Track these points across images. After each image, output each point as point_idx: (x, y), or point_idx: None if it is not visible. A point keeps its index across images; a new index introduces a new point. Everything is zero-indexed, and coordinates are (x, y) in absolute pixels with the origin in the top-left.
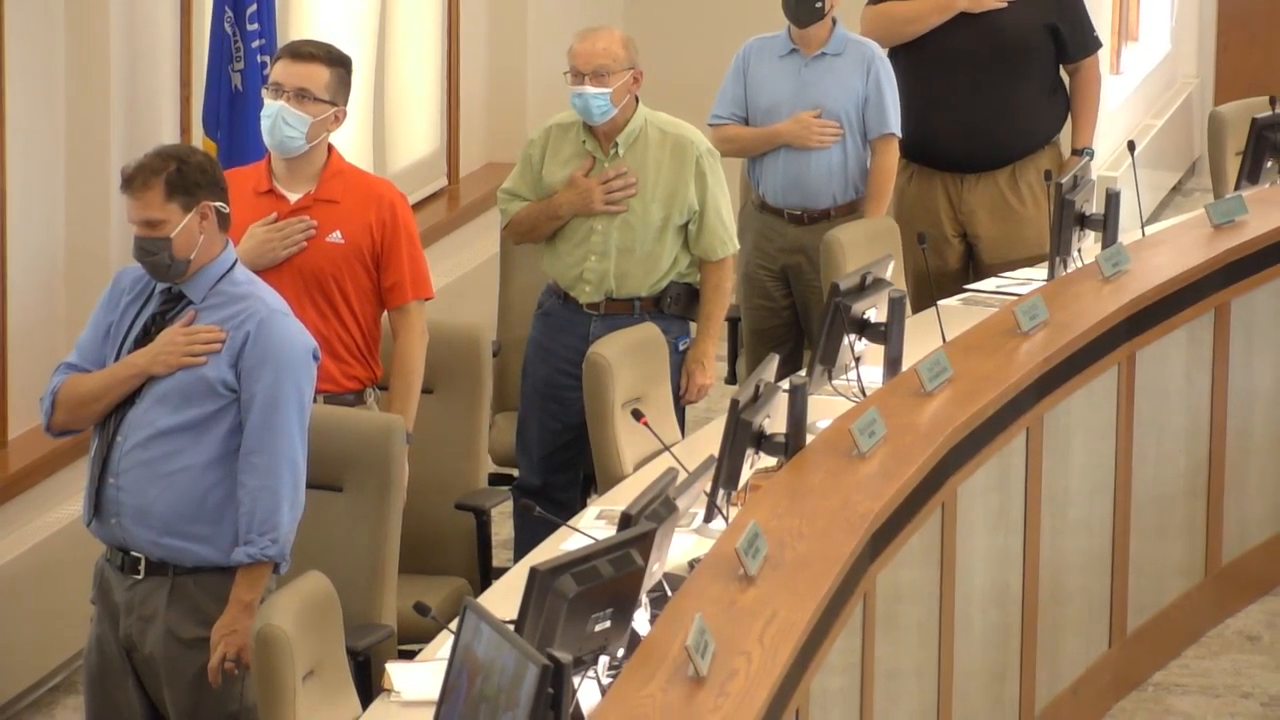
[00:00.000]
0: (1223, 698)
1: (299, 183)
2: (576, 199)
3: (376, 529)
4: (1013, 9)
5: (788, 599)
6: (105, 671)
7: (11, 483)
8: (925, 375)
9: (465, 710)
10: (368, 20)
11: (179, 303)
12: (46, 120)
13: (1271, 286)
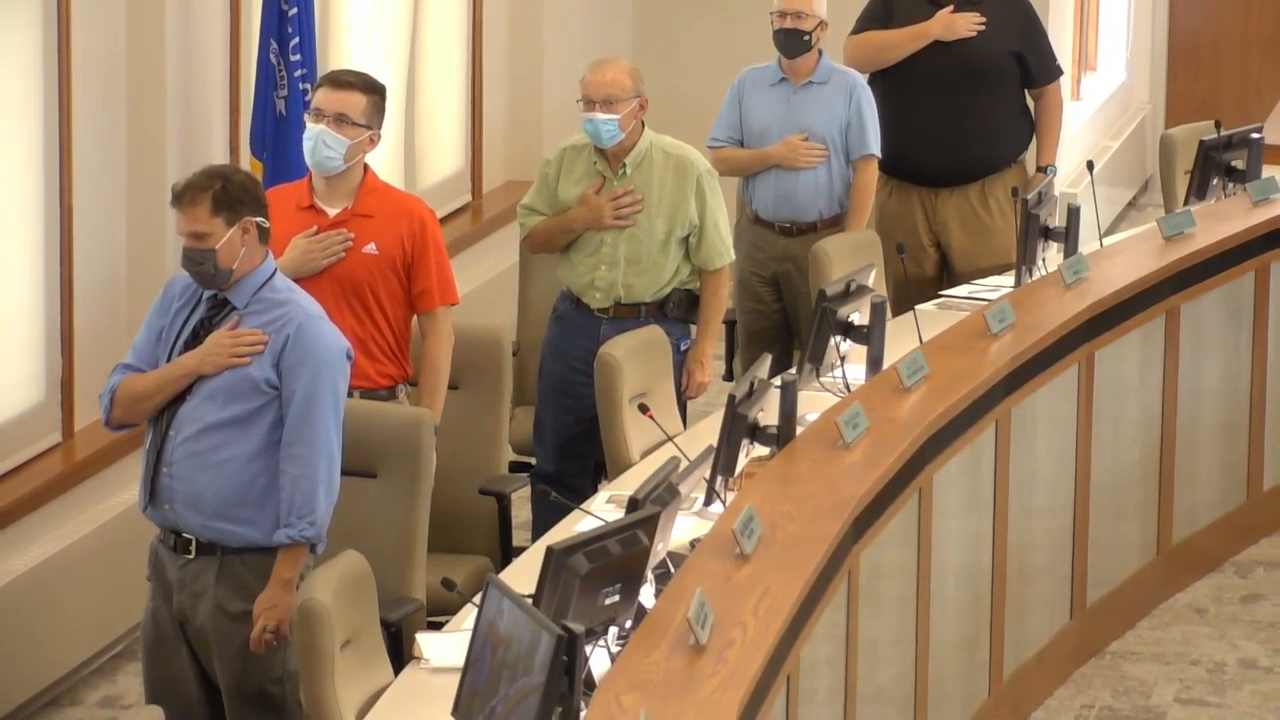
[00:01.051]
0: (1173, 665)
1: (337, 199)
2: (588, 214)
3: (407, 512)
4: (982, 38)
5: (779, 576)
6: (160, 642)
7: (77, 471)
8: (904, 373)
9: (489, 677)
10: (399, 51)
11: (224, 308)
12: (108, 142)
13: (1217, 293)
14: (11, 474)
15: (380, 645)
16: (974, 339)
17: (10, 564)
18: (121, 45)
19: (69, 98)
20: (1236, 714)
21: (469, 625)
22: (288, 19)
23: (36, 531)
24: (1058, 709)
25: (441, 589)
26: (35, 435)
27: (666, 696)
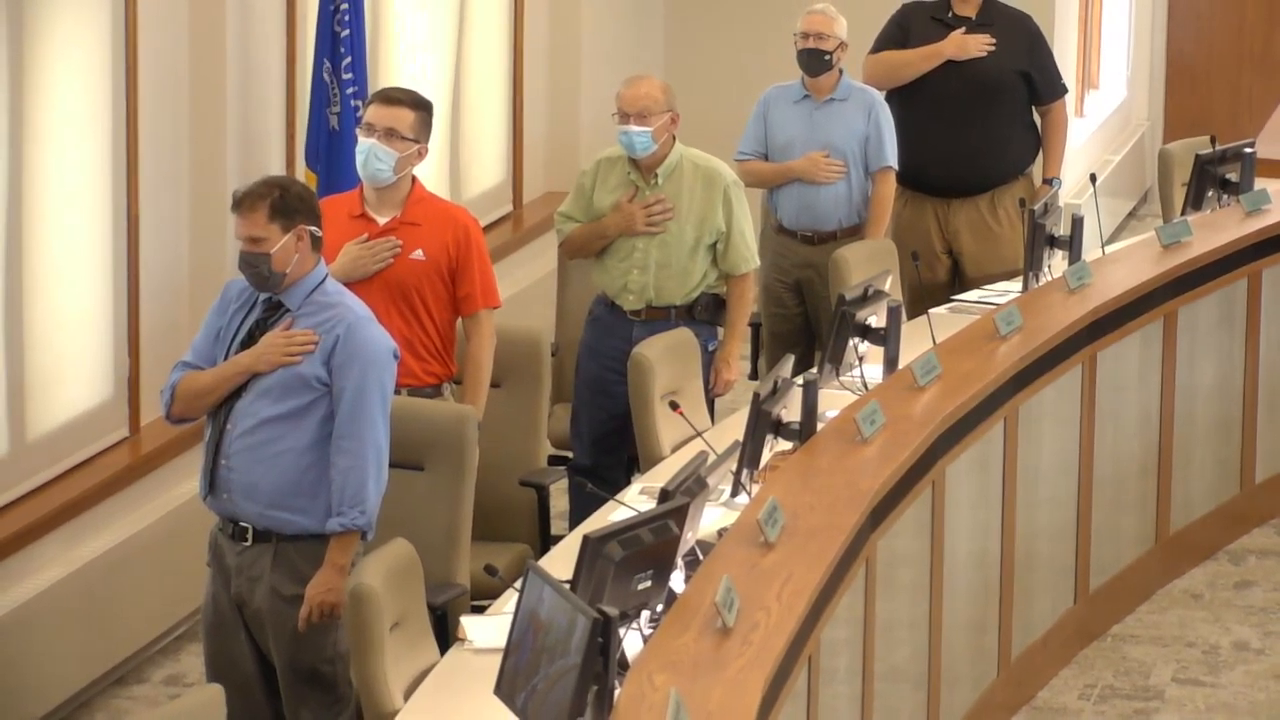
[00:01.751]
0: (1170, 647)
1: (387, 208)
2: (622, 222)
3: (452, 502)
4: (992, 58)
5: (801, 563)
6: (219, 623)
7: (143, 463)
8: (918, 372)
9: (530, 659)
10: (445, 69)
11: (278, 311)
12: (172, 155)
13: (1212, 298)
14: (82, 466)
15: (427, 627)
16: (984, 341)
17: (80, 550)
18: (185, 64)
19: (135, 115)
20: (1230, 693)
21: (510, 609)
22: (340, 40)
23: (105, 520)
24: (1062, 688)
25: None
26: (104, 430)
27: (696, 676)
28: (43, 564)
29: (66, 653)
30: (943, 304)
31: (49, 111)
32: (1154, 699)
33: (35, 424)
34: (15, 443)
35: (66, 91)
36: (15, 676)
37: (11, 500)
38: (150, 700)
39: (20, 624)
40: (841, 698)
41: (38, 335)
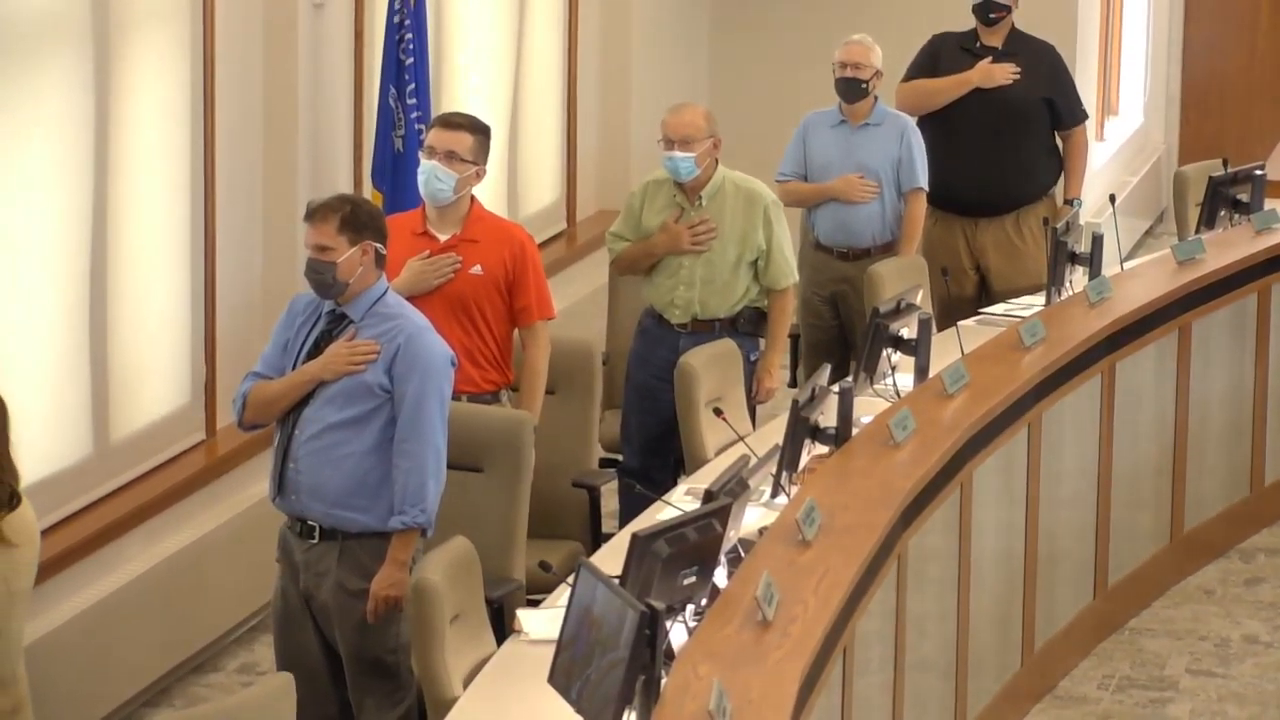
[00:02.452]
0: (1184, 640)
1: (447, 226)
2: (669, 240)
3: (509, 502)
4: (1017, 86)
5: (837, 559)
6: (288, 616)
7: (218, 465)
8: (947, 381)
9: (584, 652)
10: (503, 95)
11: (342, 322)
12: (246, 176)
13: (1224, 311)
14: (161, 468)
15: (485, 620)
16: (1009, 351)
17: (160, 547)
18: (258, 92)
19: (212, 140)
20: (1240, 684)
21: (563, 603)
22: (405, 67)
23: (183, 519)
24: (1082, 678)
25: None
26: (182, 434)
27: (737, 666)
28: (125, 559)
29: (147, 642)
30: (970, 317)
31: (133, 137)
32: (1168, 689)
33: (118, 428)
34: (99, 445)
35: (149, 118)
36: (101, 663)
37: (96, 499)
38: (225, 688)
39: (105, 615)
40: (874, 687)
41: (121, 345)
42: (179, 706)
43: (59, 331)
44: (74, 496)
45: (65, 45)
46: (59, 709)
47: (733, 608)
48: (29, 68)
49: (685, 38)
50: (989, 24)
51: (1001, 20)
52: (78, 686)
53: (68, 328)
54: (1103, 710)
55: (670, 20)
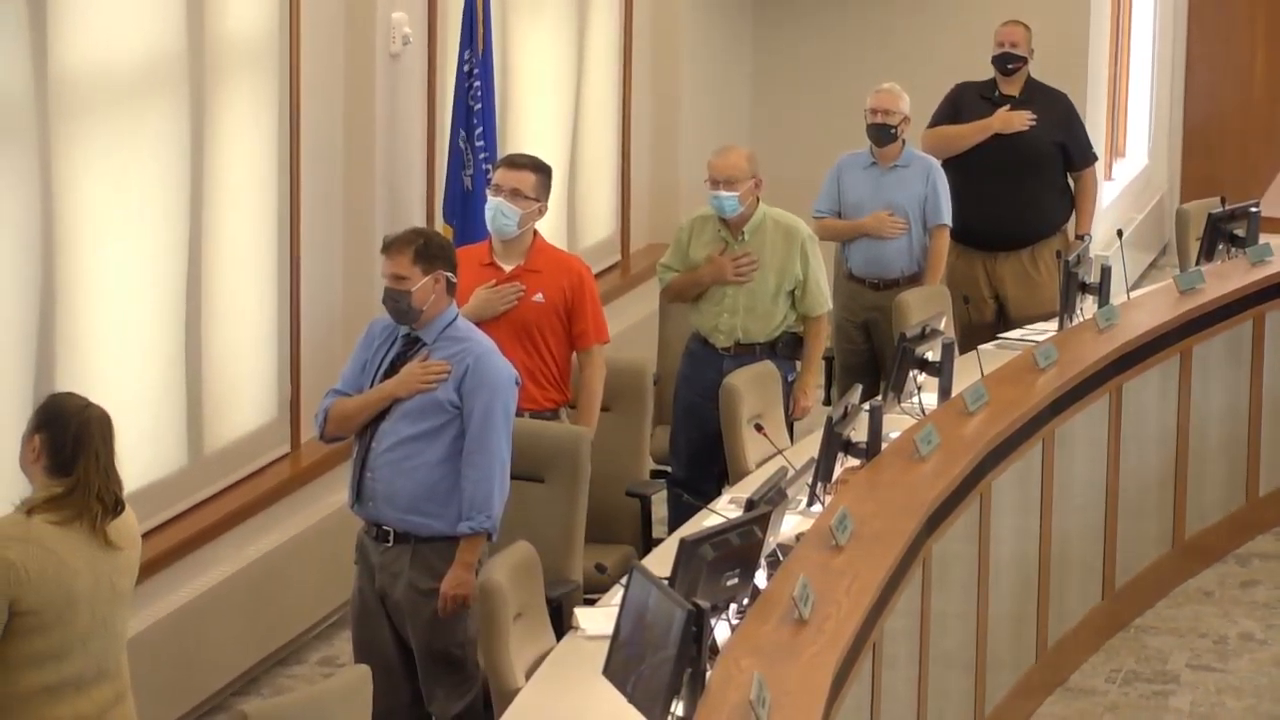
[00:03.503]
0: (1185, 637)
1: (512, 257)
2: (714, 272)
3: (568, 509)
4: (1032, 131)
5: (867, 563)
6: (365, 613)
7: (301, 475)
8: (968, 400)
9: (637, 649)
10: (563, 137)
11: (416, 345)
12: (328, 212)
13: (1222, 337)
14: (250, 478)
15: (545, 617)
16: (1025, 373)
17: (248, 550)
18: (339, 134)
19: (298, 178)
20: (1237, 678)
21: (616, 602)
22: (474, 112)
23: (269, 524)
24: (1091, 672)
25: (595, 572)
26: (269, 446)
27: (776, 660)
28: (216, 561)
29: (237, 637)
30: (990, 341)
31: (225, 176)
32: (1170, 682)
33: (211, 441)
34: (193, 457)
35: (240, 158)
36: (194, 656)
37: (190, 506)
38: (307, 679)
39: (198, 612)
40: (900, 680)
41: (214, 365)
42: (266, 696)
43: (158, 354)
44: (171, 504)
45: (165, 92)
46: (158, 698)
47: (772, 607)
48: (133, 113)
49: (729, 86)
50: (1007, 74)
51: (1018, 71)
52: (174, 677)
53: (166, 350)
54: (1110, 702)
55: (716, 70)
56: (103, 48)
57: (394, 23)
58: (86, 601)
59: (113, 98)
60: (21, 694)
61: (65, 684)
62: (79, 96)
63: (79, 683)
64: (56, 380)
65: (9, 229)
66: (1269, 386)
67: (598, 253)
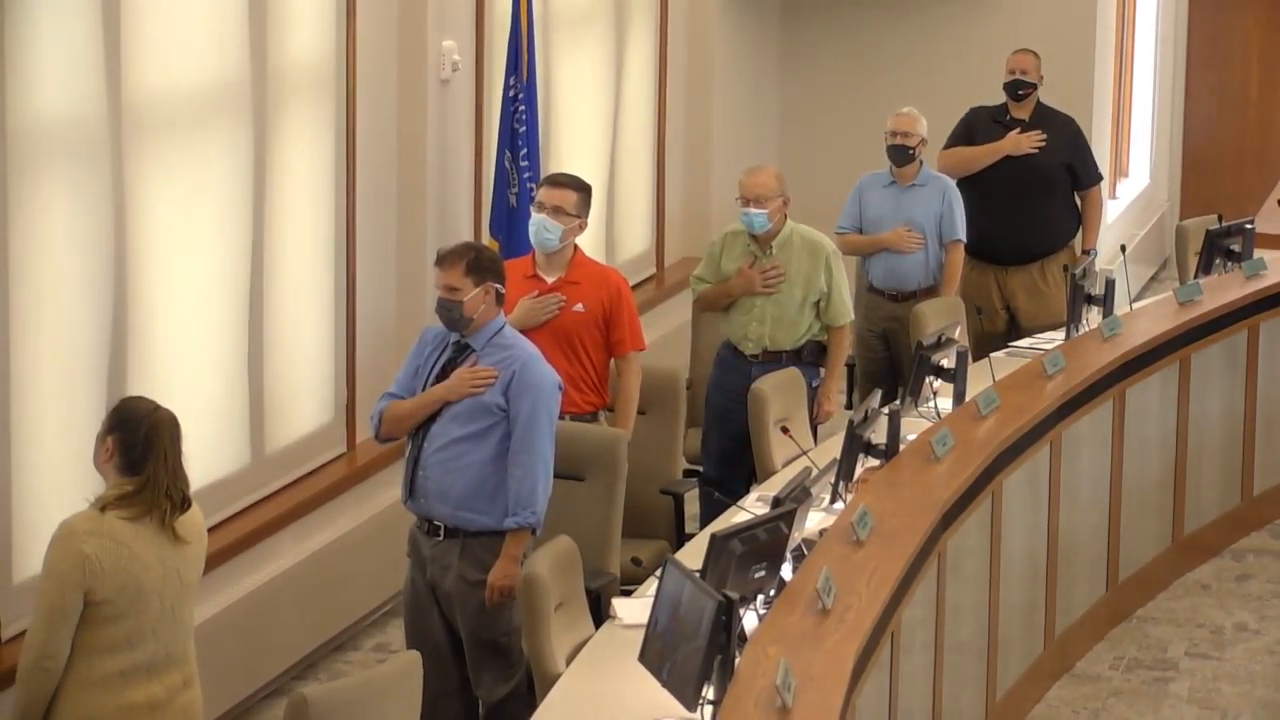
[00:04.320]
0: (1184, 627)
1: (554, 270)
2: (744, 284)
3: (606, 506)
4: (1042, 153)
5: (886, 557)
6: (416, 602)
7: (357, 474)
8: (981, 404)
9: (671, 638)
10: (602, 158)
11: (466, 351)
12: (382, 227)
13: (1219, 345)
14: (309, 476)
15: (585, 607)
16: (1034, 379)
17: (307, 544)
18: (393, 153)
19: (353, 196)
20: (1232, 665)
21: (651, 593)
22: (518, 135)
23: (327, 519)
24: (1095, 660)
25: (631, 565)
26: (326, 446)
27: (801, 647)
28: (278, 554)
29: (296, 624)
30: (1001, 349)
31: (286, 194)
32: (1170, 669)
33: (272, 441)
34: (256, 456)
35: (300, 178)
36: (257, 643)
37: (253, 503)
38: (362, 664)
39: (261, 602)
40: (917, 666)
41: (274, 370)
42: (323, 680)
43: (223, 359)
44: (235, 500)
45: (230, 115)
46: (223, 681)
47: (797, 598)
48: (200, 135)
49: (758, 110)
50: (1018, 99)
51: (1029, 96)
52: (238, 662)
53: (230, 356)
54: (1114, 688)
55: (745, 95)
56: (172, 74)
57: (444, 50)
58: (156, 592)
59: (181, 121)
60: (98, 678)
61: (137, 669)
62: (150, 120)
63: (150, 668)
64: (128, 384)
65: (85, 243)
66: (1263, 392)
67: (634, 265)
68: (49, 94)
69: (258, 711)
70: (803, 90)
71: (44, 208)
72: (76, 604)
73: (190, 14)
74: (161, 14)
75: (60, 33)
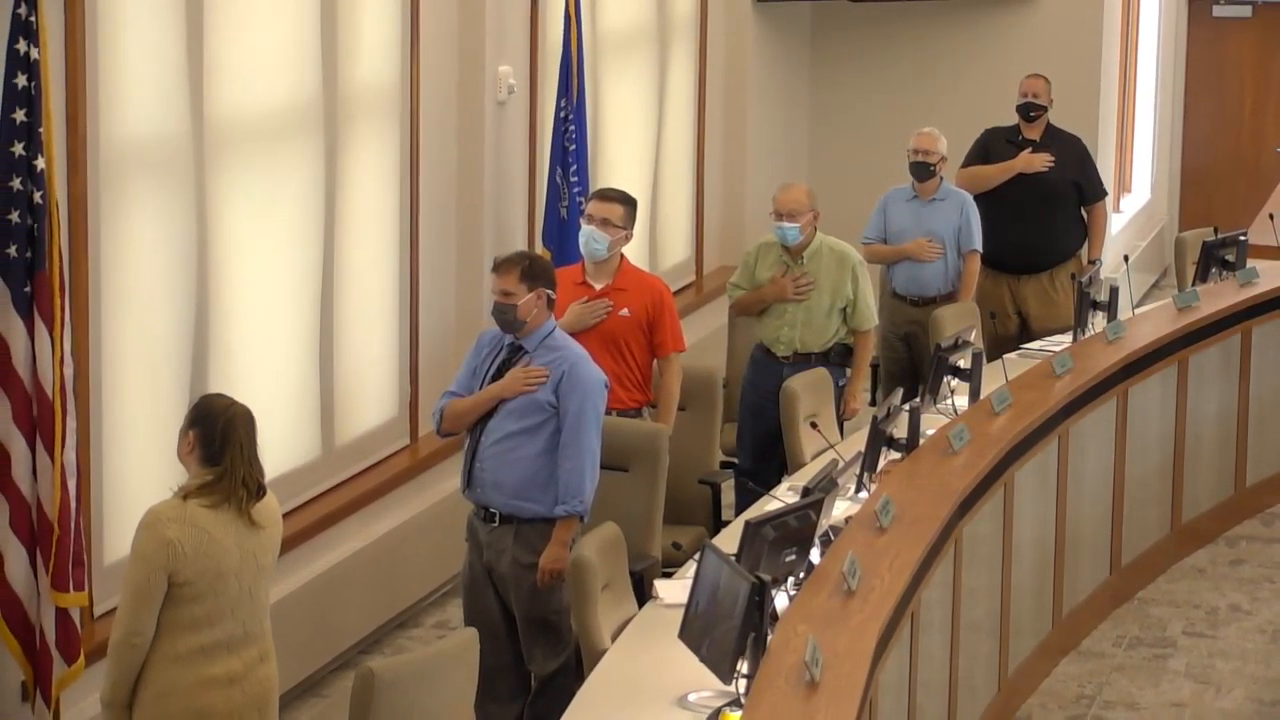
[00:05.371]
0: (1181, 608)
1: (602, 277)
2: (776, 291)
3: (649, 495)
4: (1051, 172)
5: (907, 542)
6: (473, 584)
7: (419, 465)
8: (995, 402)
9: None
10: (645, 173)
11: (519, 352)
12: (442, 237)
13: (1215, 348)
14: (374, 466)
15: (629, 588)
16: (1044, 379)
17: (373, 529)
18: (453, 170)
19: (417, 206)
20: (1225, 643)
21: (690, 575)
22: (569, 152)
23: (391, 507)
24: (1100, 637)
25: (672, 549)
26: (391, 439)
27: (828, 626)
28: (346, 538)
29: (362, 603)
30: (1013, 351)
31: (355, 207)
32: (1169, 647)
33: (341, 435)
34: (326, 448)
35: (368, 191)
36: (326, 620)
37: (323, 491)
38: (423, 640)
39: (330, 583)
40: (935, 643)
41: (343, 369)
42: (388, 654)
43: (295, 359)
44: (307, 489)
45: (303, 134)
46: (297, 655)
47: (824, 580)
48: (276, 153)
49: (789, 130)
50: (1030, 121)
51: (1039, 118)
52: (310, 638)
53: (302, 356)
54: (1116, 664)
55: (777, 117)
56: (251, 96)
57: (500, 75)
58: (234, 574)
59: (259, 139)
60: (182, 653)
61: (217, 645)
62: (230, 138)
63: (229, 644)
64: (209, 382)
65: (170, 251)
66: (1255, 392)
67: (675, 273)
68: (138, 114)
69: (328, 683)
70: (831, 111)
71: (133, 218)
72: (160, 585)
73: (267, 41)
74: (241, 40)
75: (149, 58)
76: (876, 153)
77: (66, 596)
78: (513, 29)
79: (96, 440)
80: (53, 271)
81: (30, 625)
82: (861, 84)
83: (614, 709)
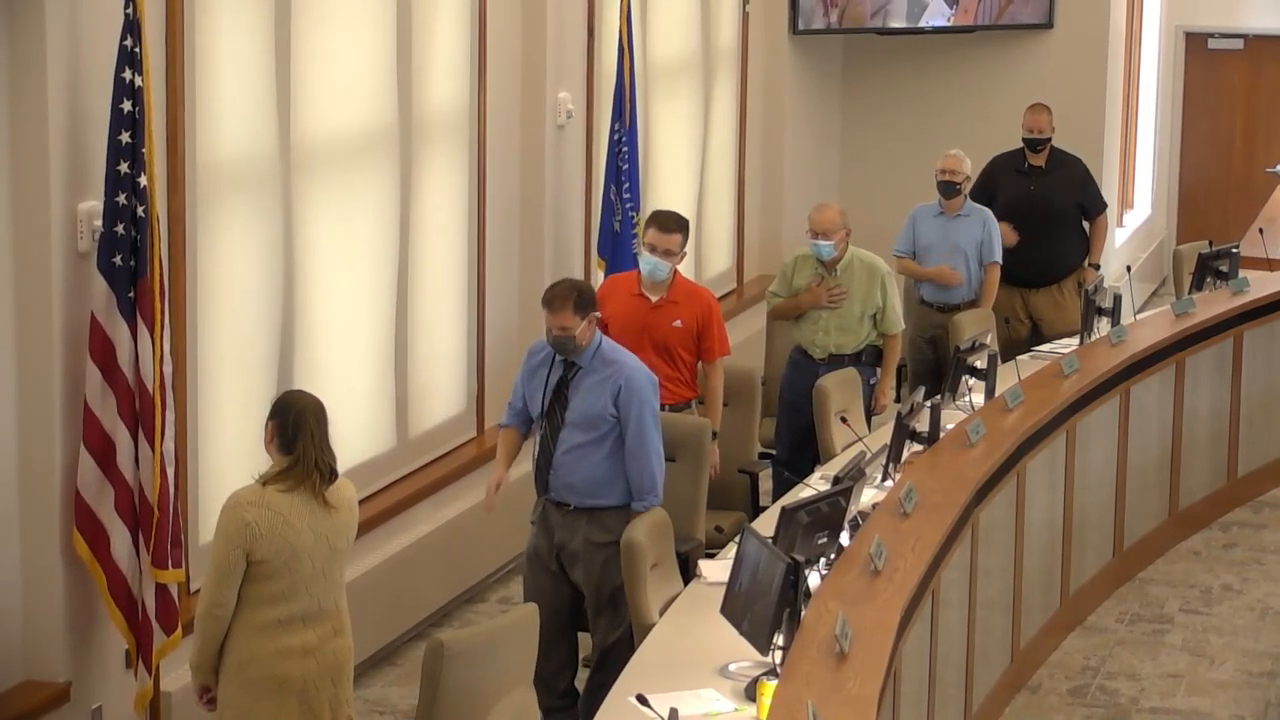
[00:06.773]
0: (1178, 587)
1: (657, 291)
2: (812, 299)
3: (694, 483)
4: (1057, 194)
5: (928, 527)
6: (536, 563)
7: (485, 454)
8: (1009, 399)
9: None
10: (691, 190)
11: (574, 368)
12: (507, 249)
13: (1209, 351)
14: (444, 456)
15: (675, 567)
16: (1053, 378)
17: (443, 512)
18: (516, 188)
19: (484, 222)
20: (1219, 619)
21: (731, 556)
22: (622, 171)
23: (459, 493)
24: (1104, 614)
25: (715, 533)
26: (459, 432)
27: (856, 603)
28: (418, 521)
29: (433, 580)
30: (1025, 353)
31: (427, 222)
32: (1166, 623)
33: (414, 427)
34: (400, 440)
35: (439, 208)
36: (400, 595)
37: (398, 479)
38: (489, 614)
39: (403, 562)
40: (954, 620)
41: (416, 368)
42: (456, 627)
43: (373, 360)
44: (382, 476)
45: (380, 154)
46: (374, 627)
47: (853, 561)
48: (355, 171)
49: (823, 149)
50: (1035, 150)
51: (1044, 149)
52: (384, 613)
53: (380, 357)
54: (1119, 638)
55: (812, 139)
56: (333, 119)
57: (559, 101)
58: (307, 554)
59: (340, 158)
60: (261, 624)
61: (294, 618)
62: (314, 157)
63: (304, 618)
64: (294, 380)
65: (259, 261)
66: (1246, 391)
67: (718, 281)
68: (231, 136)
69: (402, 653)
70: (860, 133)
71: (226, 230)
72: (240, 563)
73: (348, 69)
74: (324, 69)
75: (241, 85)
76: (902, 172)
77: (165, 573)
78: (571, 59)
79: (192, 432)
80: (154, 279)
81: (133, 599)
82: (889, 110)
83: (662, 677)
